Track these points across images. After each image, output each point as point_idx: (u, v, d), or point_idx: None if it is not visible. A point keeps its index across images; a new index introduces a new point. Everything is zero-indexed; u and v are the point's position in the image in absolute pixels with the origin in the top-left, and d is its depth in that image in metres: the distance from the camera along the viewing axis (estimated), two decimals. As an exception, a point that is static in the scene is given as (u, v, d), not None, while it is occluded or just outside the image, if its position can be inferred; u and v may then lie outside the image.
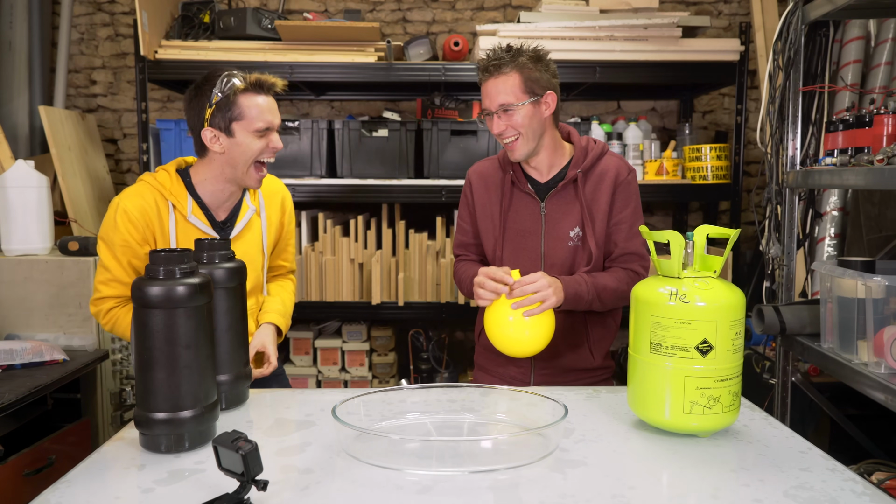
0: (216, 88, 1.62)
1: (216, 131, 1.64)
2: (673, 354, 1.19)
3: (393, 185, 2.95)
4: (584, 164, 1.76)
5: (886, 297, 1.65)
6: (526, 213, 1.80)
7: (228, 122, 1.63)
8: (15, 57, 3.29)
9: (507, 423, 1.33)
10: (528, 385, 1.81)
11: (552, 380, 1.81)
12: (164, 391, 1.15)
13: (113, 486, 1.05)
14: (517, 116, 1.69)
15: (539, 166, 1.79)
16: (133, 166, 3.65)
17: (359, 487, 1.04)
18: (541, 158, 1.78)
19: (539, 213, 1.78)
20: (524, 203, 1.80)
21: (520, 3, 3.57)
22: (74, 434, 2.16)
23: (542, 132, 1.74)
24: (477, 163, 1.93)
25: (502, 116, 1.70)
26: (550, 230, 1.78)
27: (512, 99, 1.68)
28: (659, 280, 1.24)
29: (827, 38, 2.28)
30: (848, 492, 1.03)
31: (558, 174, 1.80)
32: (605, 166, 1.78)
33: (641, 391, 1.25)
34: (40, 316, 2.29)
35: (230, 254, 1.40)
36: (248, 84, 1.63)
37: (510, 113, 1.69)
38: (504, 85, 1.68)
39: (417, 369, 3.33)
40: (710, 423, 1.20)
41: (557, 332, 1.74)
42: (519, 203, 1.81)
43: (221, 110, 1.62)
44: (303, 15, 3.21)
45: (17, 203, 2.33)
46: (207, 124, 1.64)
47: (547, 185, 1.80)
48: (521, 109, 1.68)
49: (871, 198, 2.51)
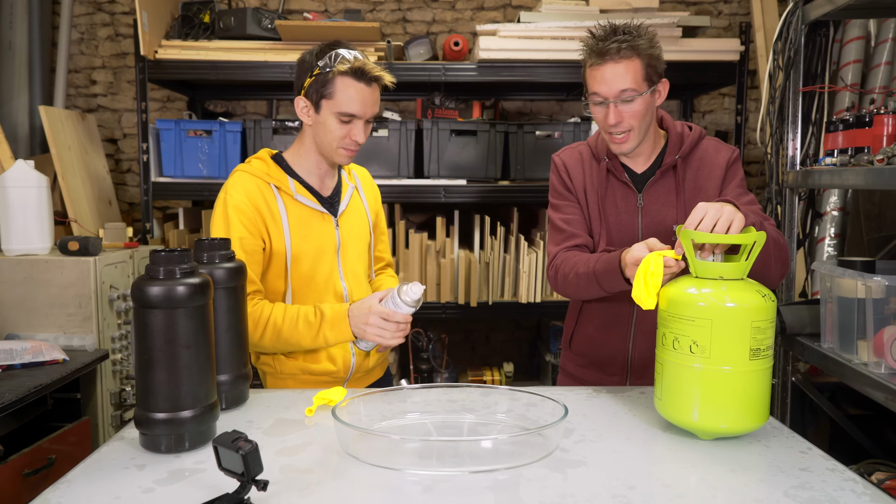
0: (322, 62, 1.59)
1: (308, 103, 1.63)
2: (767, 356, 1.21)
3: (393, 185, 2.95)
4: (682, 150, 1.65)
5: (886, 297, 1.65)
6: (623, 205, 1.67)
7: (319, 98, 1.61)
8: (15, 57, 3.29)
9: (507, 423, 1.33)
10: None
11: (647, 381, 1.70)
12: (164, 391, 1.15)
13: (113, 486, 1.05)
14: (636, 106, 1.54)
15: (637, 157, 1.67)
16: (133, 166, 3.65)
17: (359, 487, 1.04)
18: (641, 149, 1.66)
19: (636, 206, 1.66)
20: (621, 194, 1.67)
21: (520, 3, 3.57)
22: (74, 434, 2.16)
23: (650, 123, 1.62)
24: (562, 150, 1.77)
25: (620, 106, 1.54)
26: (648, 224, 1.65)
27: (634, 86, 1.53)
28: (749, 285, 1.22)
29: (827, 38, 2.28)
30: (848, 492, 1.03)
31: (654, 163, 1.68)
32: (707, 150, 1.67)
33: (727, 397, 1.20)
34: (40, 316, 2.29)
35: (230, 254, 1.40)
36: (352, 68, 1.58)
37: (629, 103, 1.54)
38: (626, 71, 1.52)
39: (417, 369, 3.33)
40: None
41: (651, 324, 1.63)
42: (615, 194, 1.67)
43: (317, 84, 1.60)
44: (303, 15, 3.21)
45: (17, 203, 2.33)
46: (304, 93, 1.63)
47: (644, 176, 1.67)
48: (641, 100, 1.54)
49: (871, 198, 2.51)
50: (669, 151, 1.66)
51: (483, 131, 2.97)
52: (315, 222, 1.69)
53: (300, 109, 1.65)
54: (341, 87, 1.59)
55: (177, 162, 2.96)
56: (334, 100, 1.60)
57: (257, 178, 1.65)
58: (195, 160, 2.95)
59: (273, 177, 1.65)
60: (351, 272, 1.75)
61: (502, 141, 2.99)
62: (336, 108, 1.60)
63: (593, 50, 1.56)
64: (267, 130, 2.95)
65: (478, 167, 2.98)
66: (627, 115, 1.55)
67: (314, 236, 1.68)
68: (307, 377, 1.70)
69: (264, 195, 1.64)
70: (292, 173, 1.70)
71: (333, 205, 1.73)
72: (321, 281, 1.70)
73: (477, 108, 3.20)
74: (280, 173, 1.67)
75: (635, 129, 1.57)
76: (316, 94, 1.61)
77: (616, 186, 1.68)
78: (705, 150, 1.67)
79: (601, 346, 1.74)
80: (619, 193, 1.68)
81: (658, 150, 1.69)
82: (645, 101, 1.56)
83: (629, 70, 1.53)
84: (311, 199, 1.68)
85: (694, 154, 1.67)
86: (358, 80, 1.59)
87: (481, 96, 3.39)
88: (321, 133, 1.64)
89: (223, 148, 2.94)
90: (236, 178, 1.65)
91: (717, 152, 1.67)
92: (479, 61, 2.91)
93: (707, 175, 1.65)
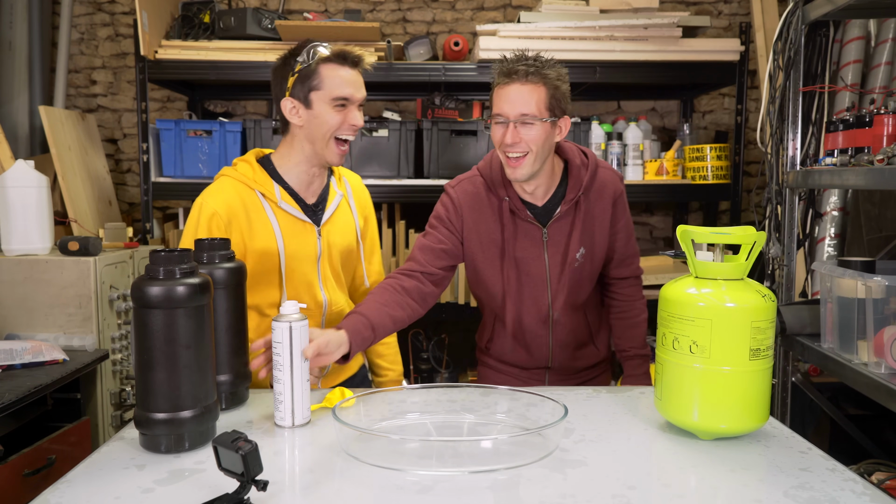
0: (301, 57, 1.59)
1: (296, 102, 1.60)
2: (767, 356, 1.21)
3: (393, 185, 2.95)
4: (584, 186, 1.68)
5: (886, 297, 1.64)
6: (527, 241, 1.70)
7: (308, 92, 1.59)
8: (15, 57, 3.29)
9: (507, 424, 1.33)
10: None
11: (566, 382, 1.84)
12: (164, 391, 1.15)
13: (113, 486, 1.05)
14: (533, 132, 1.55)
15: (536, 190, 1.68)
16: (133, 166, 3.65)
17: (359, 487, 1.04)
18: (539, 182, 1.66)
19: (541, 239, 1.70)
20: (525, 230, 1.70)
21: (520, 3, 3.57)
22: (74, 434, 2.16)
23: (548, 155, 1.62)
24: (457, 181, 1.75)
25: (518, 128, 1.55)
26: (555, 254, 1.71)
27: (536, 112, 1.55)
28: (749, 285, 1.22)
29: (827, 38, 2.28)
30: (848, 492, 1.03)
31: (554, 195, 1.70)
32: (602, 181, 1.72)
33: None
34: (40, 316, 2.29)
35: (230, 254, 1.40)
36: (333, 54, 1.59)
37: (528, 126, 1.55)
38: (529, 95, 1.54)
39: (417, 369, 3.33)
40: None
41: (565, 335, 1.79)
42: (520, 231, 1.70)
43: (302, 80, 1.59)
44: (303, 15, 3.21)
45: (17, 203, 2.33)
46: (288, 94, 1.61)
47: (545, 210, 1.70)
48: (540, 126, 1.55)
49: (871, 198, 2.51)
50: (572, 187, 1.68)
51: (483, 132, 2.97)
52: (297, 230, 1.66)
53: (288, 111, 1.62)
54: (328, 73, 1.58)
55: (177, 162, 2.96)
56: (324, 88, 1.58)
57: (241, 185, 1.62)
58: (195, 160, 2.95)
59: (258, 182, 1.63)
60: (331, 282, 1.74)
61: (502, 141, 2.99)
62: (329, 95, 1.58)
63: (502, 71, 1.58)
64: (267, 130, 2.95)
65: (478, 167, 2.98)
66: (525, 137, 1.56)
67: (294, 244, 1.65)
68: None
69: (245, 202, 1.61)
70: (278, 178, 1.67)
71: (317, 213, 1.71)
72: (302, 289, 1.67)
73: (477, 108, 3.20)
74: (265, 178, 1.64)
75: (532, 153, 1.57)
76: (303, 89, 1.59)
77: (519, 222, 1.70)
78: (602, 181, 1.72)
79: (519, 356, 1.83)
80: (523, 229, 1.70)
81: (556, 182, 1.70)
82: (544, 129, 1.57)
83: (533, 94, 1.55)
84: (294, 206, 1.65)
85: (592, 185, 1.71)
86: (342, 63, 1.59)
87: (481, 96, 3.39)
88: (316, 127, 1.61)
89: (223, 148, 2.94)
90: (218, 184, 1.63)
91: (608, 184, 1.73)
92: (479, 61, 2.91)
93: (602, 206, 1.72)
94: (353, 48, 1.62)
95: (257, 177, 1.63)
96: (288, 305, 1.31)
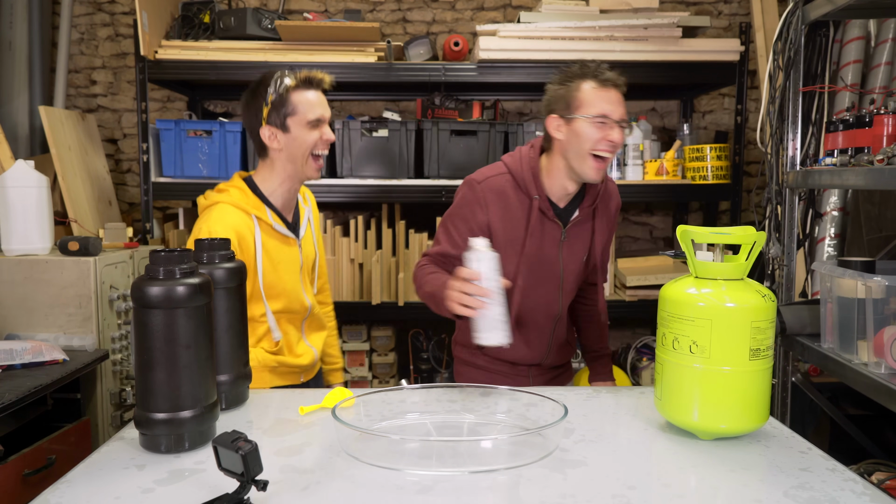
0: (271, 89, 1.72)
1: (273, 129, 1.73)
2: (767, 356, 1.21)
3: (393, 185, 2.95)
4: (600, 194, 1.77)
5: (886, 297, 1.64)
6: (548, 240, 1.74)
7: (283, 119, 1.72)
8: (15, 57, 3.29)
9: (507, 424, 1.33)
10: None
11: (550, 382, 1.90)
12: (164, 391, 1.15)
13: (113, 486, 1.05)
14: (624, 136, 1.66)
15: (565, 192, 1.73)
16: (133, 166, 3.65)
17: (359, 487, 1.04)
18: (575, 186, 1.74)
19: (559, 240, 1.75)
20: (547, 229, 1.74)
21: (520, 3, 3.57)
22: (74, 434, 2.16)
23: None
24: (486, 176, 1.75)
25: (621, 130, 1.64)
26: (568, 255, 1.78)
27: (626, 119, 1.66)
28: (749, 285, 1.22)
29: (827, 38, 2.28)
30: (848, 492, 1.03)
31: (574, 199, 1.76)
32: (609, 191, 1.82)
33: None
34: (40, 316, 2.29)
35: (230, 254, 1.40)
36: (299, 81, 1.73)
37: (624, 130, 1.65)
38: (622, 102, 1.65)
39: (417, 369, 3.33)
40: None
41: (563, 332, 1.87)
42: (542, 229, 1.73)
43: (276, 108, 1.72)
44: (303, 15, 3.21)
45: (17, 203, 2.33)
46: (265, 123, 1.73)
47: (566, 211, 1.76)
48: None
49: (871, 198, 2.51)
50: (591, 192, 1.77)
51: (483, 131, 2.97)
52: (284, 246, 1.79)
53: (267, 138, 1.74)
54: (299, 99, 1.72)
55: (177, 162, 2.96)
56: (299, 113, 1.72)
57: (239, 210, 1.71)
58: (195, 160, 2.95)
59: (252, 205, 1.73)
60: (309, 288, 1.91)
61: (502, 141, 2.99)
62: (304, 119, 1.72)
63: (596, 75, 1.63)
64: (267, 130, 2.95)
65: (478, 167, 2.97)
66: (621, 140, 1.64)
67: (285, 260, 1.78)
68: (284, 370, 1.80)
69: (245, 227, 1.70)
70: (265, 200, 1.77)
71: (295, 228, 1.84)
72: (293, 299, 1.81)
73: (477, 109, 3.20)
74: (257, 202, 1.75)
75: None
76: (278, 117, 1.72)
77: (544, 220, 1.73)
78: (609, 191, 1.82)
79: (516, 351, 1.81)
80: (545, 228, 1.74)
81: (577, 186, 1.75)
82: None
83: (623, 103, 1.65)
84: (282, 225, 1.78)
85: (604, 194, 1.80)
86: (308, 88, 1.74)
87: (481, 96, 3.39)
88: (295, 148, 1.73)
89: (223, 148, 2.94)
90: (220, 212, 1.69)
91: (614, 196, 1.84)
92: (479, 61, 2.91)
93: (608, 215, 1.83)
94: (316, 72, 1.77)
95: (250, 201, 1.74)
96: (479, 241, 1.43)
